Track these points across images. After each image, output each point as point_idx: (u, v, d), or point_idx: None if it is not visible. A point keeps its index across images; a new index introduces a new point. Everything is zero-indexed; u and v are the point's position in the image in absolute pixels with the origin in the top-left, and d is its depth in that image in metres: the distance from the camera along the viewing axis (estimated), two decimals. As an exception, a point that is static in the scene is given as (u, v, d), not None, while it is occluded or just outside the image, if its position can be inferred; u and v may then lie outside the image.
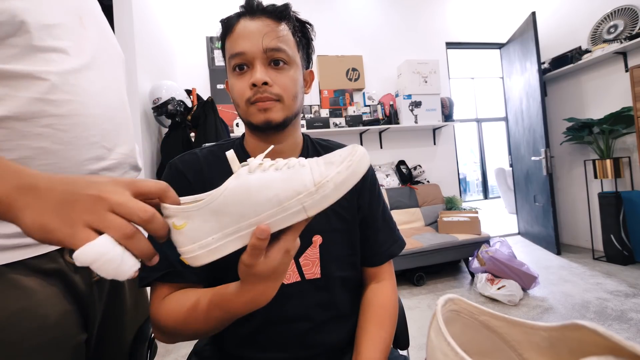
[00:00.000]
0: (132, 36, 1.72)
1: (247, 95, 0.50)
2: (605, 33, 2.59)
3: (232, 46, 0.51)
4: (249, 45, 0.49)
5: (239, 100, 0.52)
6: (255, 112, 0.50)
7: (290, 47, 0.51)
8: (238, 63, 0.50)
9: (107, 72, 0.49)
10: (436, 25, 3.23)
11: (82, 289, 0.46)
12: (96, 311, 0.49)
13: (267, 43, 0.49)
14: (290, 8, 0.53)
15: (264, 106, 0.50)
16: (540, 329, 0.25)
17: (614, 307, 1.73)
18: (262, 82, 0.48)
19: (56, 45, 0.40)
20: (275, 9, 0.51)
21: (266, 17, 0.50)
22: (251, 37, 0.49)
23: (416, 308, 1.94)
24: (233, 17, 0.52)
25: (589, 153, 2.73)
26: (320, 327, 0.55)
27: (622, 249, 2.33)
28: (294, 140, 0.58)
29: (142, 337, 0.57)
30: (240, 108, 0.52)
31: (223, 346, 0.56)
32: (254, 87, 0.49)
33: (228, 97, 2.54)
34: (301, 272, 0.54)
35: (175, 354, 1.63)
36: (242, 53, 0.49)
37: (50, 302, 0.41)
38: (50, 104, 0.39)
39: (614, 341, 0.20)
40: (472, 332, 0.27)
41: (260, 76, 0.48)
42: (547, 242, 2.81)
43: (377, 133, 2.97)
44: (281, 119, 0.51)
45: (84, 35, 0.45)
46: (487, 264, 2.06)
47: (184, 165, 0.55)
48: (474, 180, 7.47)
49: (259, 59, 0.49)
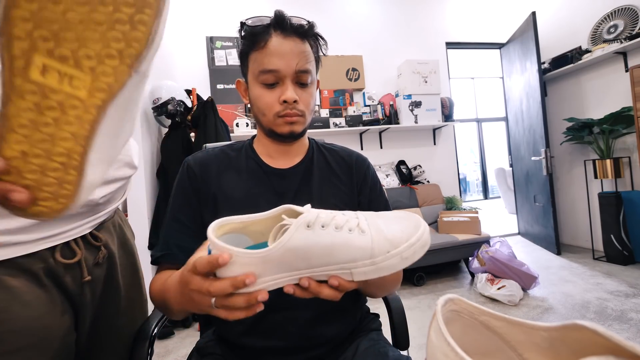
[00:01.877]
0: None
1: (276, 109, 0.55)
2: (606, 33, 2.59)
3: (265, 62, 0.54)
4: (283, 65, 0.53)
5: (266, 111, 0.56)
6: (282, 124, 0.56)
7: (313, 66, 0.57)
8: (270, 80, 0.55)
9: None
10: (436, 25, 3.23)
11: (72, 289, 0.46)
12: (87, 312, 0.48)
13: (300, 66, 0.54)
14: (315, 27, 0.58)
15: (291, 120, 0.56)
16: (541, 329, 0.25)
17: (614, 307, 1.73)
18: (293, 101, 0.54)
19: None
20: (305, 31, 0.56)
21: (296, 37, 0.55)
22: (285, 57, 0.53)
23: (416, 308, 1.94)
24: (264, 30, 0.54)
25: (589, 153, 2.73)
26: (322, 317, 0.56)
27: (622, 249, 2.33)
28: (302, 143, 0.64)
29: (143, 337, 0.57)
30: (266, 117, 0.57)
31: (227, 336, 0.58)
32: (284, 104, 0.54)
33: (228, 97, 2.54)
34: None
35: (175, 354, 1.63)
36: (276, 71, 0.54)
37: (37, 303, 0.40)
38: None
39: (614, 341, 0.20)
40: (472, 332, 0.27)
41: (292, 95, 0.54)
42: (547, 242, 2.81)
43: (377, 133, 2.97)
44: (302, 130, 0.58)
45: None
46: (487, 264, 2.06)
47: (197, 162, 0.60)
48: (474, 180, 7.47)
49: (289, 78, 0.54)
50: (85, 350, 0.49)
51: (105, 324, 0.52)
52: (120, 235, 0.58)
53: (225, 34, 2.60)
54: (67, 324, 0.44)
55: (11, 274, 0.39)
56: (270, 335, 0.55)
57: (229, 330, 0.57)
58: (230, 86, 2.57)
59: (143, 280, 0.64)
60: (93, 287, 0.49)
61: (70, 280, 0.45)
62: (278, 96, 0.55)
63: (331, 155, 0.66)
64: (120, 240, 0.58)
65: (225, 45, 2.59)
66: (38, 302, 0.41)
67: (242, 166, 0.61)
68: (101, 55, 0.27)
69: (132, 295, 0.59)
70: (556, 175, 3.06)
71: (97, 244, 0.50)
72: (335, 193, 0.61)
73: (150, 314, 0.62)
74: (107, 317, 0.53)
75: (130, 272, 0.59)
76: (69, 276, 0.45)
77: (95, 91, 0.27)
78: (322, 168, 0.63)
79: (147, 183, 1.85)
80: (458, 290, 2.17)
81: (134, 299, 0.60)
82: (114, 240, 0.56)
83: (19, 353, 0.38)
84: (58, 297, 0.44)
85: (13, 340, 0.38)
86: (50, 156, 0.27)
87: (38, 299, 0.41)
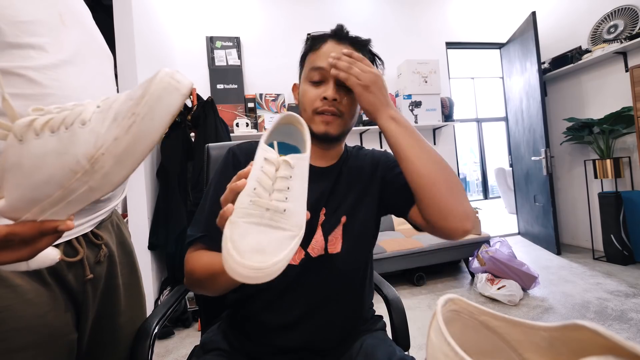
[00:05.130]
0: (132, 36, 1.72)
1: (316, 104, 0.58)
2: (606, 33, 2.59)
3: (315, 60, 0.59)
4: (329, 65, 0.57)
5: (307, 106, 0.59)
6: (318, 122, 0.59)
7: None
8: (317, 78, 0.58)
9: (90, 68, 0.49)
10: (436, 25, 3.23)
11: (75, 288, 0.46)
12: (89, 310, 0.48)
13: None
14: (370, 42, 0.63)
15: (326, 119, 0.58)
16: (541, 329, 0.25)
17: (614, 307, 1.73)
18: (332, 98, 0.57)
19: (33, 42, 0.40)
20: (359, 41, 0.61)
21: (350, 45, 0.59)
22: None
23: (416, 308, 1.94)
24: (323, 37, 0.61)
25: (589, 153, 2.73)
26: (335, 297, 0.59)
27: (622, 249, 2.33)
28: (338, 149, 0.67)
29: (144, 336, 0.57)
30: (306, 113, 0.60)
31: (244, 312, 0.60)
32: (324, 100, 0.57)
33: (228, 97, 2.54)
34: (326, 247, 0.59)
35: (175, 354, 1.63)
36: (322, 68, 0.57)
37: (41, 301, 0.41)
38: (29, 98, 0.38)
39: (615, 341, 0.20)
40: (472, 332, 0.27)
41: (332, 94, 0.57)
42: (547, 242, 2.81)
43: (377, 133, 2.97)
44: (337, 133, 0.60)
45: (64, 33, 0.45)
46: (487, 264, 2.06)
47: (242, 152, 0.63)
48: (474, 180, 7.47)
49: (333, 78, 0.57)
50: (86, 349, 0.49)
51: (106, 322, 0.53)
52: (118, 234, 0.59)
53: (225, 34, 2.60)
54: (69, 322, 0.45)
55: (15, 272, 0.39)
56: (288, 312, 0.57)
57: (251, 306, 0.59)
58: (230, 86, 2.57)
59: (141, 279, 0.64)
60: (95, 285, 0.49)
61: (72, 278, 0.45)
62: (321, 93, 0.58)
63: (357, 161, 0.68)
64: (119, 239, 0.58)
65: (225, 45, 2.59)
66: (41, 300, 0.41)
67: None
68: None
69: (131, 294, 0.59)
70: (556, 175, 3.05)
71: (98, 242, 0.50)
72: (359, 198, 0.63)
73: (149, 314, 0.62)
74: (108, 316, 0.53)
75: (129, 271, 0.59)
76: (71, 274, 0.45)
77: None
78: (350, 172, 0.65)
79: (147, 183, 1.85)
80: (458, 290, 2.17)
81: (134, 298, 0.60)
82: (113, 239, 0.56)
83: (23, 351, 0.38)
84: (61, 295, 0.44)
85: (17, 338, 0.38)
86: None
87: (41, 297, 0.41)
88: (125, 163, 0.23)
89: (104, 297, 0.52)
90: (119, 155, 0.23)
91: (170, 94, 0.23)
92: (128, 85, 1.72)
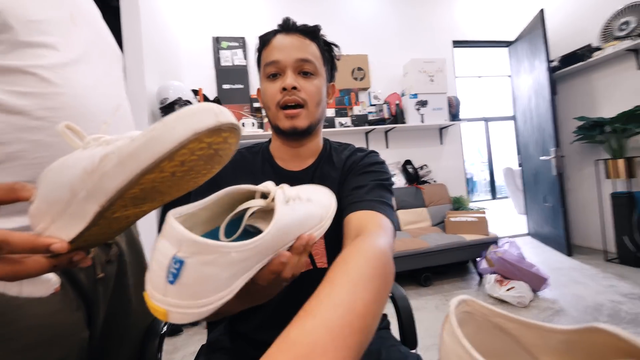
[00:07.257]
0: (139, 37, 1.74)
1: (277, 98, 0.56)
2: (617, 30, 2.53)
3: (268, 56, 0.58)
4: (282, 56, 0.56)
5: (270, 103, 0.58)
6: (283, 118, 0.57)
7: (317, 60, 0.58)
8: (272, 71, 0.57)
9: (100, 67, 0.49)
10: (443, 24, 3.20)
11: (86, 286, 0.46)
12: (99, 309, 0.49)
13: (298, 55, 0.56)
14: (320, 30, 0.61)
15: (291, 114, 0.56)
16: (557, 332, 0.24)
17: (628, 310, 1.69)
18: (291, 87, 0.55)
19: (44, 41, 0.40)
20: (307, 28, 0.59)
21: (299, 35, 0.58)
22: (285, 49, 0.56)
23: (423, 309, 1.92)
24: (270, 33, 0.60)
25: (600, 152, 2.67)
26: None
27: (635, 251, 2.28)
28: (315, 146, 0.64)
29: (153, 334, 0.58)
30: (271, 111, 0.58)
31: (240, 329, 0.59)
32: (284, 91, 0.56)
33: (234, 97, 2.56)
34: (313, 261, 0.58)
35: (183, 351, 1.64)
36: (276, 62, 0.56)
37: (52, 299, 0.41)
38: (41, 97, 0.39)
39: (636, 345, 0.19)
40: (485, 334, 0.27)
41: (290, 81, 0.55)
42: (558, 243, 2.76)
43: (383, 132, 2.95)
44: (306, 125, 0.57)
45: (75, 32, 0.45)
46: (496, 265, 2.03)
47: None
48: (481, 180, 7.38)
49: (290, 68, 0.56)
50: (98, 347, 0.50)
51: (117, 321, 0.53)
52: (128, 233, 0.59)
53: (231, 34, 2.62)
54: (81, 320, 0.45)
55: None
56: (283, 328, 0.54)
57: (245, 325, 0.58)
58: (236, 86, 2.59)
59: None
60: (105, 284, 0.50)
61: (84, 277, 0.46)
62: (279, 85, 0.56)
63: (339, 155, 0.64)
64: (129, 238, 0.59)
65: (231, 45, 2.61)
66: (53, 299, 0.41)
67: (258, 169, 0.62)
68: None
69: (141, 293, 0.59)
70: (566, 175, 3.00)
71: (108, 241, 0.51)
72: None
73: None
74: (118, 314, 0.53)
75: (139, 270, 0.60)
76: (82, 273, 0.46)
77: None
78: (328, 172, 0.61)
79: (155, 183, 1.87)
80: (466, 291, 2.14)
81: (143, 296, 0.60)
82: (123, 238, 0.57)
83: (36, 349, 0.39)
84: (72, 293, 0.44)
85: (29, 337, 0.38)
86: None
87: (53, 295, 0.41)
88: (126, 165, 0.23)
89: (115, 296, 0.52)
90: (125, 156, 0.23)
91: (204, 112, 0.23)
92: (135, 86, 1.74)
